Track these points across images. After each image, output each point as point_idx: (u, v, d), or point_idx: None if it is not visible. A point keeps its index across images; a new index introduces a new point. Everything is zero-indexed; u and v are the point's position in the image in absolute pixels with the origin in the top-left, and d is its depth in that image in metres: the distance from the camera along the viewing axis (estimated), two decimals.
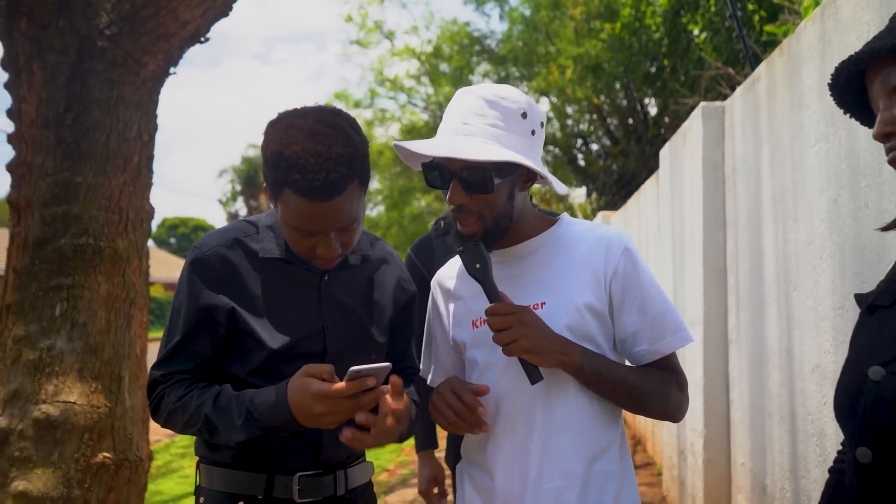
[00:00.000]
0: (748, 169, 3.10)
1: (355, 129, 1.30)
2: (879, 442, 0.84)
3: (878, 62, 0.91)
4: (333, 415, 1.23)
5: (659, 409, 1.35)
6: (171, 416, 1.36)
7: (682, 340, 1.34)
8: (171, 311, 1.44)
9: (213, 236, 1.44)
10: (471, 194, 1.27)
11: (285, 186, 1.25)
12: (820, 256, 2.31)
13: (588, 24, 13.27)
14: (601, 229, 1.38)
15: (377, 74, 19.17)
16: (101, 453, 2.44)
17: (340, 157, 1.24)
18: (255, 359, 1.37)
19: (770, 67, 2.80)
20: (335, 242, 1.31)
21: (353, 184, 1.28)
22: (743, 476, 3.20)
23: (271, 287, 1.40)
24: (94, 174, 2.59)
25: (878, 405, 0.85)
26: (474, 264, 1.27)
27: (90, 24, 2.61)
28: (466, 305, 1.40)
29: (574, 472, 1.27)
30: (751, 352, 3.07)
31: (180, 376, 1.38)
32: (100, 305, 2.55)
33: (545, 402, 1.28)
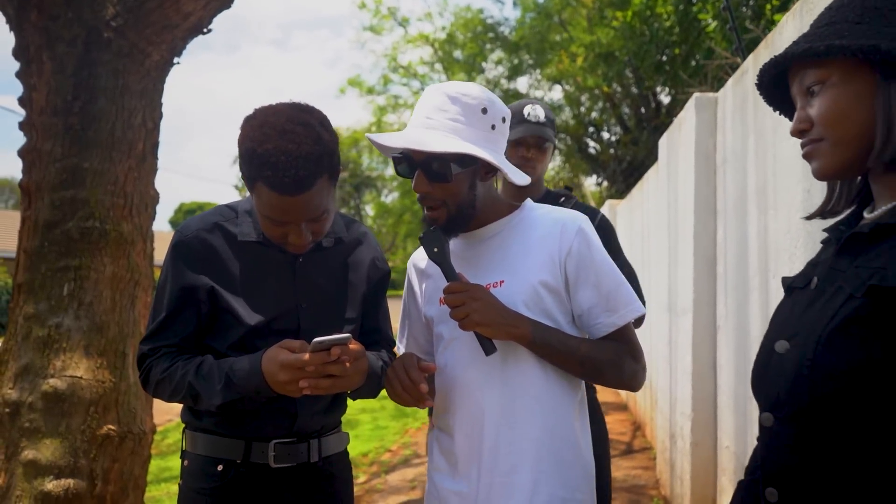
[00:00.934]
0: (736, 159, 3.16)
1: (325, 127, 1.39)
2: (779, 407, 0.93)
3: (795, 65, 0.99)
4: (295, 384, 1.33)
5: (614, 378, 1.44)
6: (158, 385, 1.49)
7: (633, 312, 1.43)
8: (157, 289, 1.56)
9: (194, 220, 1.55)
10: (433, 183, 1.37)
11: (258, 180, 1.35)
12: (795, 245, 2.38)
13: (600, 12, 13.22)
14: (558, 213, 1.47)
15: (390, 61, 19.22)
16: (106, 425, 2.58)
17: (310, 154, 1.33)
18: (233, 335, 1.48)
19: (756, 60, 2.85)
20: (305, 231, 1.42)
21: (321, 179, 1.37)
22: (727, 458, 3.28)
23: (249, 268, 1.51)
24: (101, 160, 2.71)
25: (780, 375, 0.93)
26: (432, 248, 1.38)
27: (97, 16, 2.72)
28: (435, 284, 1.51)
29: (530, 437, 1.37)
30: (736, 338, 3.14)
31: (166, 350, 1.50)
32: (105, 286, 2.68)
33: (502, 373, 1.38)
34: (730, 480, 3.23)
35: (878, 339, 0.82)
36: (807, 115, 0.97)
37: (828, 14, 0.97)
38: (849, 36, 0.90)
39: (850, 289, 0.87)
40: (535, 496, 1.36)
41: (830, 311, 0.88)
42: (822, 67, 0.93)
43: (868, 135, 0.91)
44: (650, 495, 4.45)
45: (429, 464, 1.56)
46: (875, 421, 0.82)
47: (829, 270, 0.95)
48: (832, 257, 0.97)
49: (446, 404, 1.46)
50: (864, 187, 1.03)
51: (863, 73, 0.91)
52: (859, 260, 0.90)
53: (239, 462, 1.49)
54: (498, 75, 18.43)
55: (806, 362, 0.88)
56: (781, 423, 0.92)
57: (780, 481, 0.92)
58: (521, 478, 1.37)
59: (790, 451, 0.91)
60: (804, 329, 0.92)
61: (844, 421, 0.84)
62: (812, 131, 0.95)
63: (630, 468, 5.06)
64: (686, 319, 3.67)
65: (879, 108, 0.89)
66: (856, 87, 0.91)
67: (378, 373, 1.53)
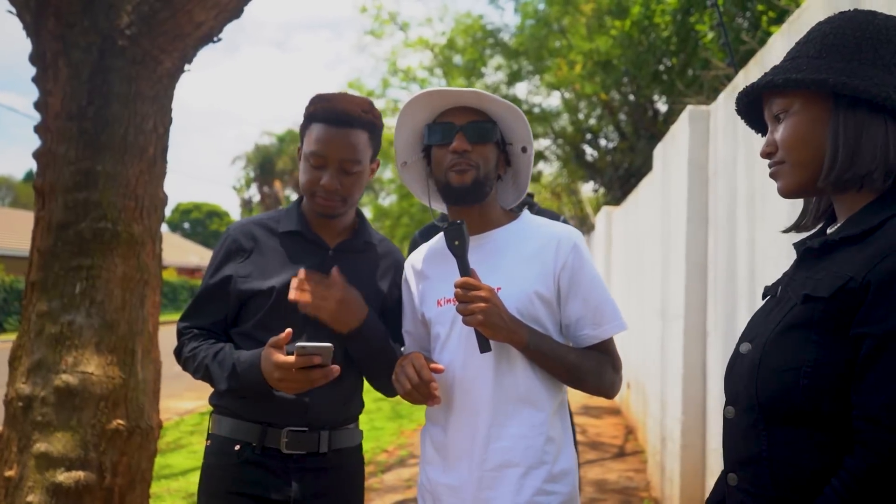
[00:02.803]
0: (727, 171, 3.27)
1: (374, 107, 1.68)
2: (736, 401, 1.05)
3: (766, 93, 1.10)
4: (287, 382, 1.48)
5: (594, 386, 1.55)
6: (186, 362, 1.69)
7: (617, 328, 1.55)
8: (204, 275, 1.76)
9: (243, 219, 1.78)
10: (474, 143, 1.51)
11: (312, 121, 1.61)
12: (781, 255, 2.48)
13: (599, 21, 13.36)
14: (555, 227, 1.58)
15: (390, 65, 19.32)
16: (115, 420, 2.66)
17: (361, 104, 1.61)
18: (259, 314, 1.65)
19: (747, 75, 2.96)
20: (337, 178, 1.60)
21: (364, 131, 1.61)
22: (716, 461, 3.38)
23: (285, 254, 1.68)
24: (113, 163, 2.80)
25: (741, 372, 1.04)
26: (454, 241, 1.46)
27: (112, 25, 2.81)
28: (432, 286, 1.61)
29: (518, 434, 1.47)
30: (725, 344, 3.25)
31: (197, 331, 1.70)
32: (116, 285, 2.77)
33: (496, 374, 1.48)
34: None
35: (810, 342, 0.93)
36: (773, 140, 1.08)
37: (795, 49, 1.07)
38: (806, 70, 1.00)
39: (797, 297, 0.98)
40: (522, 489, 1.46)
41: (779, 317, 0.99)
42: (786, 97, 1.04)
43: (822, 158, 1.01)
44: (641, 497, 4.54)
45: (421, 457, 1.65)
46: (810, 412, 0.93)
47: (790, 281, 1.06)
48: (793, 270, 1.07)
49: (441, 401, 1.54)
50: (831, 206, 1.13)
51: (819, 103, 1.01)
52: (810, 272, 1.00)
53: (254, 445, 1.61)
54: (497, 81, 18.54)
55: (756, 361, 0.99)
56: (739, 415, 1.04)
57: (738, 467, 1.03)
58: (510, 472, 1.46)
59: (745, 440, 1.02)
60: (760, 333, 1.03)
61: (787, 414, 0.95)
62: (777, 154, 1.06)
63: (622, 471, 5.15)
64: (677, 325, 3.77)
65: (830, 133, 1.00)
66: (812, 115, 1.01)
67: (380, 336, 1.68)
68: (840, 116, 0.99)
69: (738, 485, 1.03)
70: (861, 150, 0.97)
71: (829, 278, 0.94)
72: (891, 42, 0.98)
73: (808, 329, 0.94)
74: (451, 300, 1.52)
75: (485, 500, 1.46)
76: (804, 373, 0.92)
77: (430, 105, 1.55)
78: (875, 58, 0.98)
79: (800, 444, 0.94)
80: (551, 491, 1.47)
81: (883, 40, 0.99)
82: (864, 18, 1.02)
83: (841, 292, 0.91)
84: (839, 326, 0.91)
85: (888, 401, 0.84)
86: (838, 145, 0.98)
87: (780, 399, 0.95)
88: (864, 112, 0.97)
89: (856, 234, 0.96)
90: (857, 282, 0.89)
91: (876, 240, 0.92)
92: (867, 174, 0.97)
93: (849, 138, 0.98)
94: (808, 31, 1.08)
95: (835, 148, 0.99)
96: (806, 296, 0.95)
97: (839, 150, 0.98)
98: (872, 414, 0.85)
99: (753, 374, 0.99)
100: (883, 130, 0.97)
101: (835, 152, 0.99)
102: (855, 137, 0.97)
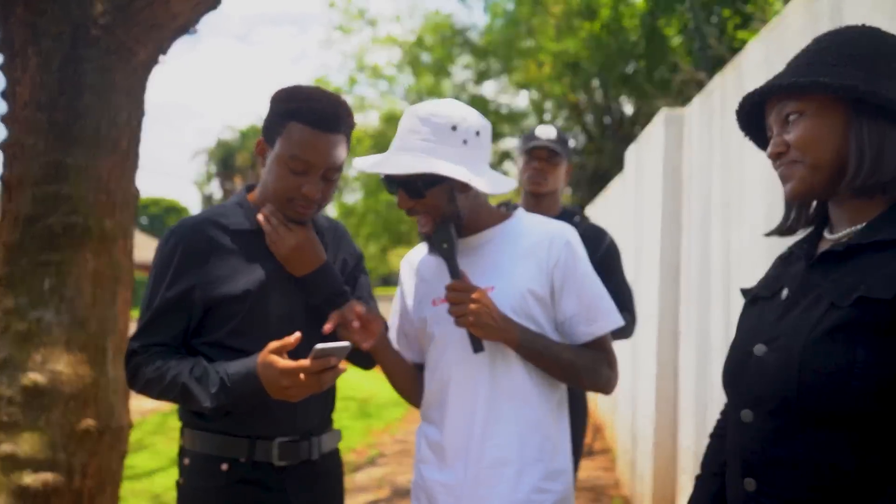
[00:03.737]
0: (702, 174, 3.32)
1: None
2: (758, 405, 1.04)
3: (775, 96, 1.11)
4: (297, 388, 1.39)
5: (590, 382, 1.57)
6: (148, 384, 1.52)
7: (612, 323, 1.57)
8: (149, 286, 1.57)
9: (186, 219, 1.61)
10: (413, 199, 1.48)
11: (293, 118, 1.47)
12: (756, 258, 2.53)
13: (568, 22, 13.47)
14: (548, 224, 1.58)
15: (358, 62, 19.20)
16: (85, 420, 2.59)
17: (342, 103, 1.51)
18: (230, 323, 1.53)
19: (723, 80, 3.01)
20: (319, 185, 1.50)
21: (345, 136, 1.52)
22: (687, 458, 3.44)
23: (243, 256, 1.56)
24: (85, 156, 2.72)
25: (761, 375, 1.04)
26: (442, 243, 1.47)
27: (85, 13, 2.73)
28: (428, 286, 1.60)
29: (515, 433, 1.47)
30: (697, 344, 3.30)
31: (157, 348, 1.53)
32: (87, 281, 2.69)
33: (491, 373, 1.49)
34: (689, 479, 3.39)
35: (861, 344, 0.93)
36: (783, 140, 1.09)
37: (806, 55, 1.09)
38: (830, 76, 1.02)
39: (832, 299, 0.98)
40: (518, 487, 1.46)
41: (813, 319, 0.99)
42: (801, 100, 1.05)
43: (839, 162, 1.03)
44: (610, 495, 4.59)
45: (416, 456, 1.64)
46: (856, 416, 0.93)
47: (802, 283, 1.07)
48: (804, 272, 1.08)
49: (437, 400, 1.55)
50: (819, 210, 1.15)
51: (836, 108, 1.03)
52: (833, 275, 1.01)
53: (243, 461, 1.51)
54: (465, 80, 18.57)
55: (794, 364, 0.98)
56: (762, 419, 1.03)
57: (758, 471, 1.03)
58: (506, 470, 1.47)
59: (771, 444, 1.01)
60: (784, 335, 1.02)
61: (827, 416, 0.95)
62: (789, 154, 1.07)
63: (591, 469, 5.20)
64: (650, 325, 3.82)
65: (853, 139, 1.01)
66: (830, 120, 1.03)
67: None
68: (864, 123, 1.00)
69: (757, 489, 1.03)
70: (884, 158, 0.99)
71: (886, 280, 0.94)
72: None
73: (857, 331, 0.94)
74: (445, 300, 1.51)
75: (481, 497, 1.46)
76: (856, 374, 0.92)
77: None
78: (890, 71, 1.01)
79: (840, 446, 0.95)
80: (547, 489, 1.48)
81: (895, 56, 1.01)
82: (875, 34, 1.05)
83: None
84: (893, 328, 0.92)
85: None
86: (864, 151, 1.00)
87: (827, 401, 0.95)
88: (885, 122, 1.00)
89: (891, 238, 0.97)
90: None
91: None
92: (890, 181, 0.99)
93: (873, 145, 0.99)
94: (819, 40, 1.09)
95: (860, 153, 1.00)
96: (860, 297, 0.95)
97: (865, 156, 1.00)
98: None
99: (789, 378, 0.98)
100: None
101: (860, 158, 1.00)
102: (879, 145, 0.99)
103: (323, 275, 1.56)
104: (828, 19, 1.98)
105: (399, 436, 6.20)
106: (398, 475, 4.95)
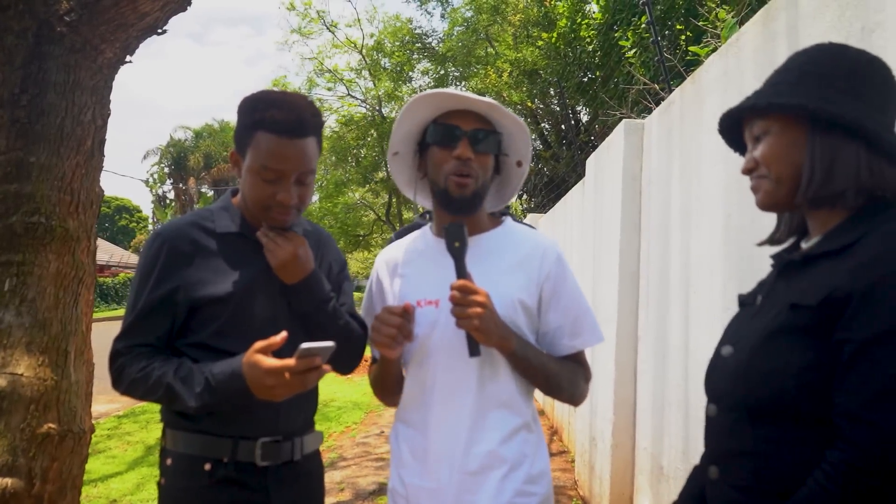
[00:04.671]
0: (661, 182, 3.43)
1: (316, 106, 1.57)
2: (720, 400, 1.13)
3: (746, 116, 1.18)
4: (282, 387, 1.40)
5: (568, 394, 1.58)
6: (132, 384, 1.52)
7: (595, 339, 1.60)
8: (133, 287, 1.59)
9: (172, 221, 1.63)
10: (476, 154, 1.50)
11: (259, 129, 1.47)
12: (714, 263, 2.63)
13: (526, 31, 13.65)
14: (539, 237, 1.61)
15: (317, 65, 19.08)
16: (46, 424, 2.54)
17: (308, 107, 1.50)
18: (215, 324, 1.53)
19: (683, 93, 3.12)
20: (293, 191, 1.51)
21: (314, 137, 1.52)
22: (644, 459, 3.54)
23: (228, 258, 1.57)
24: (48, 155, 2.67)
25: (723, 373, 1.13)
26: (454, 242, 1.45)
27: (50, 10, 2.68)
28: (411, 286, 1.58)
29: (499, 438, 1.49)
30: (655, 347, 3.40)
31: (141, 348, 1.54)
32: (49, 282, 2.64)
33: (479, 378, 1.50)
34: (646, 479, 3.49)
35: (797, 346, 1.01)
36: (752, 157, 1.17)
37: (775, 75, 1.17)
38: (786, 95, 1.10)
39: (780, 306, 1.07)
40: (502, 491, 1.47)
41: (763, 324, 1.08)
42: (766, 119, 1.13)
43: (799, 175, 1.11)
44: (569, 496, 4.68)
45: (394, 460, 1.61)
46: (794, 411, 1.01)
47: (770, 291, 1.15)
48: (773, 280, 1.17)
49: (418, 402, 1.55)
50: (802, 220, 1.23)
51: (797, 126, 1.10)
52: (793, 283, 1.10)
53: (226, 461, 1.52)
54: (424, 85, 18.63)
55: (742, 364, 1.07)
56: (722, 413, 1.12)
57: (719, 461, 1.11)
58: (491, 474, 1.47)
59: (727, 436, 1.10)
60: (744, 337, 1.12)
61: (770, 411, 1.03)
62: (758, 169, 1.15)
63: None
64: (609, 328, 3.92)
65: (807, 154, 1.09)
66: (790, 137, 1.11)
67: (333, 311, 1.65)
68: (816, 139, 1.08)
69: (719, 477, 1.11)
70: (834, 171, 1.06)
71: (815, 288, 1.02)
72: (863, 74, 1.09)
73: (794, 335, 1.02)
74: (433, 302, 1.52)
75: (465, 502, 1.47)
76: (791, 375, 1.00)
77: (435, 102, 1.52)
78: (848, 87, 1.08)
79: (782, 440, 1.02)
80: (530, 492, 1.49)
81: (855, 71, 1.09)
82: (838, 50, 1.12)
83: (826, 301, 0.99)
84: (823, 333, 0.99)
85: (866, 400, 0.93)
86: (815, 165, 1.08)
87: (767, 399, 1.03)
88: (838, 136, 1.07)
89: (835, 249, 1.04)
90: (841, 292, 0.98)
91: (854, 254, 1.01)
92: (841, 193, 1.07)
93: (824, 159, 1.07)
94: (787, 61, 1.17)
95: (811, 167, 1.08)
96: (793, 304, 1.03)
97: (815, 170, 1.08)
98: (853, 411, 0.94)
99: (739, 376, 1.07)
100: (855, 154, 1.06)
101: (811, 171, 1.08)
102: (830, 159, 1.07)
103: (311, 283, 1.58)
104: (784, 38, 2.09)
105: (358, 438, 6.19)
106: (359, 478, 4.95)
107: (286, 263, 1.54)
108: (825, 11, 1.87)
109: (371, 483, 4.85)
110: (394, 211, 21.25)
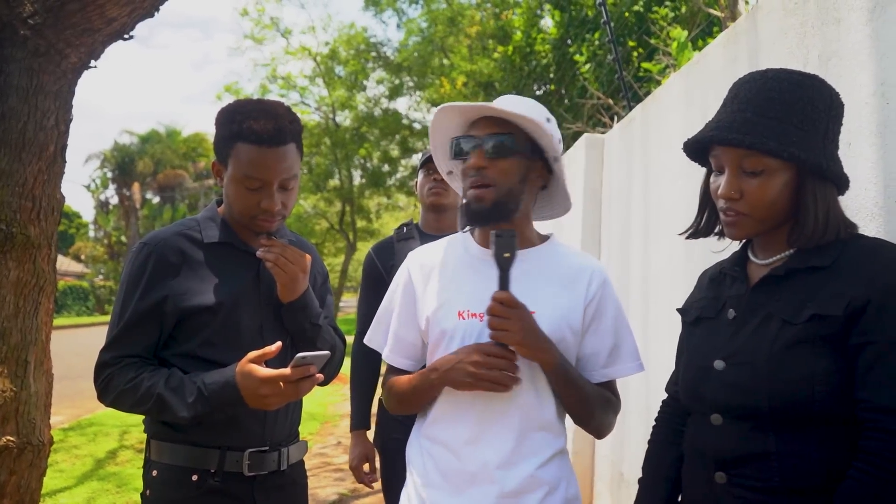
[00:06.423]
0: (622, 195, 3.53)
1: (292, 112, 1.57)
2: (727, 410, 1.19)
3: (723, 144, 1.22)
4: (276, 396, 1.41)
5: (597, 422, 1.50)
6: (120, 396, 1.51)
7: (633, 370, 1.52)
8: (120, 297, 1.57)
9: (159, 231, 1.62)
10: (490, 160, 1.40)
11: (238, 140, 1.49)
12: (675, 277, 2.73)
13: (482, 43, 13.81)
14: (587, 258, 1.56)
15: (270, 71, 18.91)
16: (4, 437, 2.46)
17: (286, 114, 1.51)
18: (203, 333, 1.53)
19: (644, 110, 3.23)
20: (277, 197, 1.53)
21: (294, 143, 1.53)
22: (604, 466, 3.62)
23: (216, 269, 1.57)
24: (9, 161, 2.61)
25: (725, 386, 1.19)
26: (503, 252, 1.35)
27: (13, 12, 2.63)
28: (452, 295, 1.47)
29: (539, 462, 1.42)
30: None
31: (129, 360, 1.53)
32: (9, 291, 2.57)
33: (523, 402, 1.42)
34: (606, 486, 3.57)
35: (821, 355, 1.09)
36: (739, 188, 1.19)
37: (737, 104, 1.20)
38: (776, 139, 1.13)
39: (784, 317, 1.13)
40: None
41: (770, 336, 1.14)
42: (759, 157, 1.16)
43: (784, 218, 1.19)
44: None
45: (417, 479, 1.48)
46: (820, 416, 1.09)
47: (748, 304, 1.21)
48: (748, 293, 1.23)
49: (450, 419, 1.45)
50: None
51: (788, 168, 1.16)
52: (777, 296, 1.16)
53: (213, 471, 1.51)
54: (378, 94, 18.66)
55: (760, 376, 1.13)
56: (731, 422, 1.18)
57: (729, 466, 1.17)
58: (528, 497, 1.40)
59: (741, 443, 1.16)
60: (742, 351, 1.17)
61: (795, 417, 1.10)
62: (740, 203, 1.19)
63: None
64: None
65: (808, 204, 1.15)
66: (782, 179, 1.17)
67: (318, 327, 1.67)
68: (815, 188, 1.15)
69: (728, 481, 1.17)
70: (829, 220, 1.15)
71: (835, 299, 1.09)
72: (825, 106, 1.17)
73: (817, 343, 1.09)
74: (477, 314, 1.43)
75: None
76: (819, 381, 1.08)
77: (459, 116, 1.46)
78: (824, 119, 1.16)
79: (808, 440, 1.10)
80: None
81: (815, 104, 1.16)
82: (813, 84, 1.17)
83: (848, 310, 1.07)
84: (841, 339, 1.08)
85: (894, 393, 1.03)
86: (817, 215, 1.15)
87: (796, 405, 1.09)
88: (831, 184, 1.16)
89: (827, 264, 1.13)
90: (859, 301, 1.06)
91: (847, 267, 1.10)
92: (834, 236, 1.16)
93: (822, 209, 1.15)
94: (761, 87, 1.19)
95: (814, 217, 1.15)
96: (814, 315, 1.10)
97: (818, 220, 1.15)
98: (883, 404, 1.03)
99: (756, 387, 1.13)
100: (836, 199, 1.17)
101: (814, 222, 1.15)
102: (827, 209, 1.15)
103: (307, 299, 1.60)
104: (745, 62, 2.20)
105: (315, 449, 6.13)
106: (318, 489, 4.91)
107: (294, 281, 1.55)
108: (784, 38, 1.98)
109: (331, 494, 4.82)
110: (347, 219, 21.15)
